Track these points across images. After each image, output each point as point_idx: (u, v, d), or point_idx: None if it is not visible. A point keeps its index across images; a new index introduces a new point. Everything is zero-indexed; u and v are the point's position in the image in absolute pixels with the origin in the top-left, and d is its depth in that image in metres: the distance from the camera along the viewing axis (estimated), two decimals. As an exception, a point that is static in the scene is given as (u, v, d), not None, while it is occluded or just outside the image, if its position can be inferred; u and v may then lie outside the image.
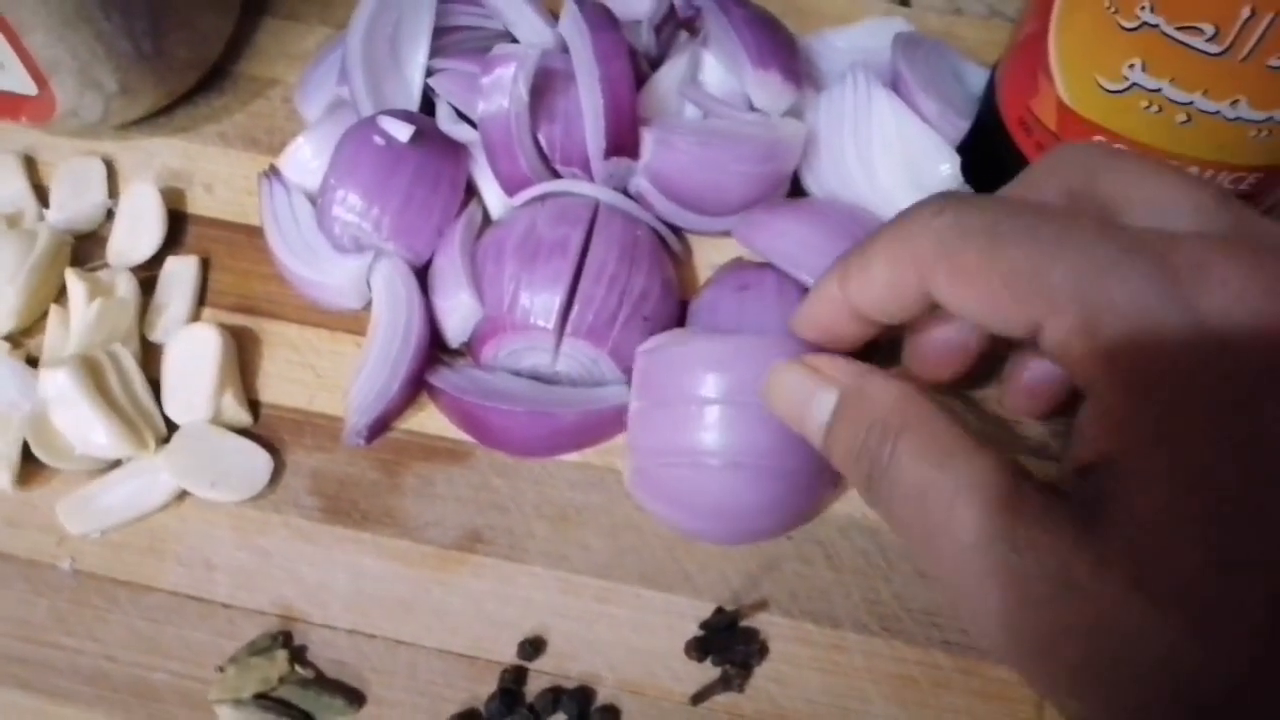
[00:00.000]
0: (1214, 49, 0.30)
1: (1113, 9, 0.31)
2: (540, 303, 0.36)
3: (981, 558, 0.22)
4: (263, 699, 0.32)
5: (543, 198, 0.39)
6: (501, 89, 0.38)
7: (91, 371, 0.36)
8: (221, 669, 0.33)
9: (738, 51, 0.40)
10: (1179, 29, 0.30)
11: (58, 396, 0.35)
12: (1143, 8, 0.30)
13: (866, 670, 0.34)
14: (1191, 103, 0.31)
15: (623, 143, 0.38)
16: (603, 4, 0.40)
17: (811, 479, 0.34)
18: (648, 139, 0.38)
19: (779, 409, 0.29)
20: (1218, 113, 0.31)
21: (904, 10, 0.49)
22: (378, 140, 0.39)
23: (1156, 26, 0.30)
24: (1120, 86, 0.33)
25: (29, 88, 0.40)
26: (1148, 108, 0.32)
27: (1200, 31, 0.29)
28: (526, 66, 0.38)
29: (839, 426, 0.27)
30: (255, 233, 0.42)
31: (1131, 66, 0.32)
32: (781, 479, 0.34)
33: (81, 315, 0.38)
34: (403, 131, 0.39)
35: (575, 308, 0.36)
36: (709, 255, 0.42)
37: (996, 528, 0.22)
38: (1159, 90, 0.32)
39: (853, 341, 0.30)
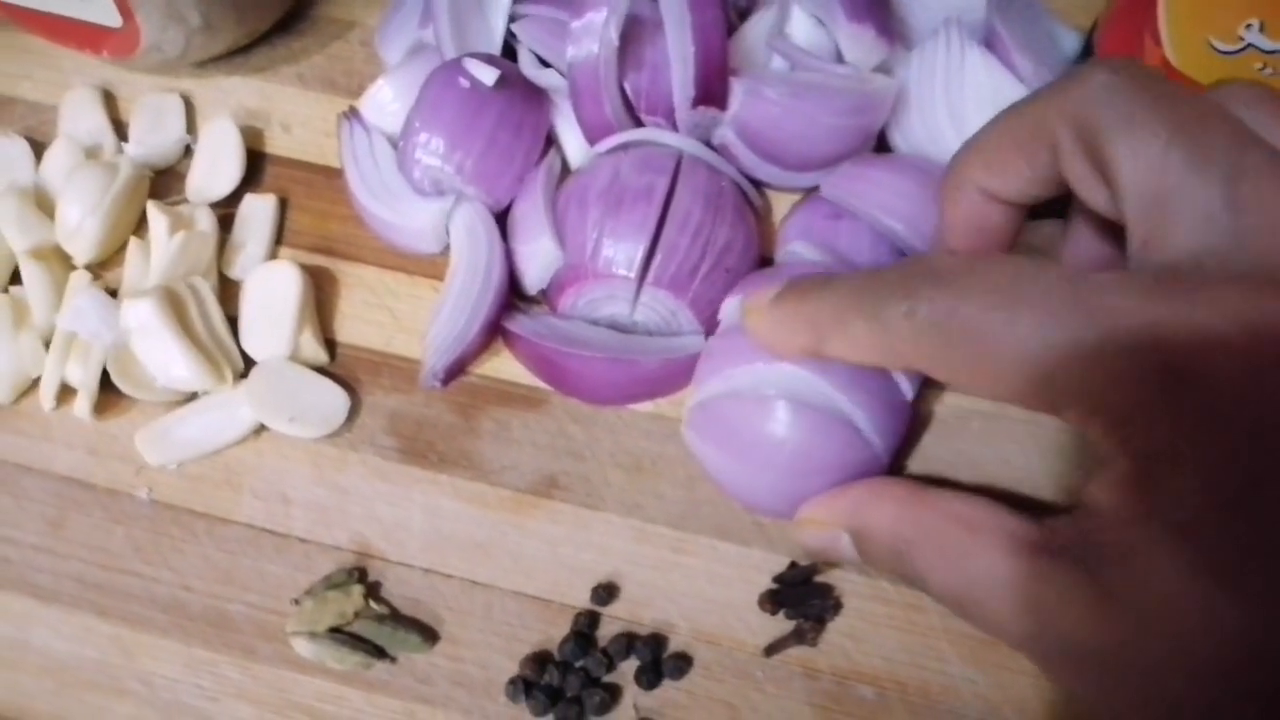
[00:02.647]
0: (1342, 6, 0.29)
1: (1235, -36, 0.30)
2: (623, 250, 0.36)
3: (1030, 648, 0.24)
4: (338, 633, 0.33)
5: (626, 146, 0.39)
6: (592, 34, 0.37)
7: (173, 303, 0.36)
8: (297, 602, 0.33)
9: (832, 4, 0.39)
10: (1307, -15, 0.29)
11: (140, 327, 0.35)
12: (1268, -38, 0.29)
13: (944, 630, 0.33)
14: (1310, 64, 0.30)
15: (711, 92, 0.38)
16: (693, -49, 0.40)
17: (879, 452, 0.33)
18: (737, 89, 0.38)
19: (823, 559, 0.31)
20: (1336, 74, 0.30)
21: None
22: (463, 83, 0.39)
23: (1282, -17, 0.29)
24: (1234, 48, 0.32)
25: (114, 20, 0.40)
26: (1261, 69, 0.32)
27: (1329, -13, 0.29)
28: (618, 11, 0.37)
29: (868, 561, 0.28)
30: (333, 174, 0.42)
31: (1249, 27, 0.31)
32: (848, 439, 0.33)
33: (163, 247, 0.38)
34: (488, 75, 0.39)
35: (658, 257, 0.36)
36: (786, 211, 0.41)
37: (1032, 629, 0.23)
38: (1275, 52, 0.31)
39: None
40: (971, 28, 0.41)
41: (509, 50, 0.42)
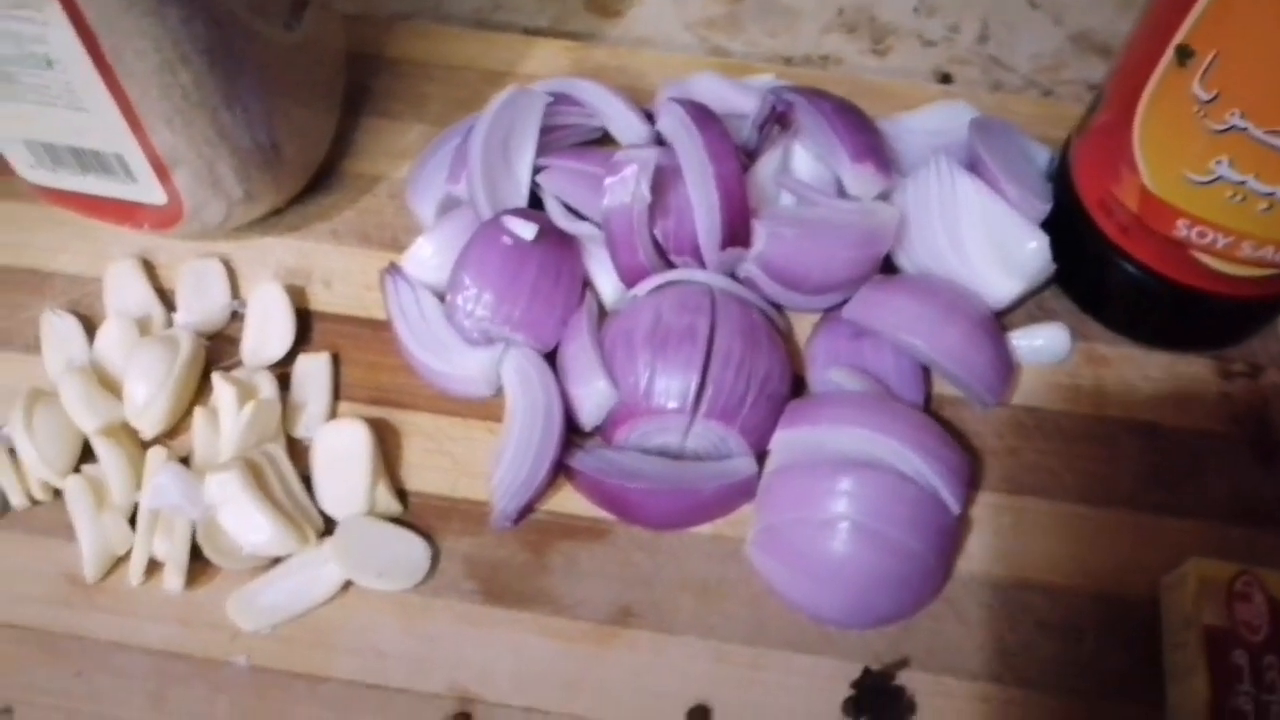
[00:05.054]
0: (1301, 149, 0.33)
1: (1202, 113, 0.35)
2: (675, 388, 0.39)
3: None
4: (453, 780, 0.34)
5: (662, 287, 0.42)
6: (625, 188, 0.40)
7: (253, 472, 0.38)
8: (410, 754, 0.35)
9: (835, 146, 0.43)
10: (1267, 133, 0.33)
11: (224, 499, 0.37)
12: (1232, 114, 0.34)
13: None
14: (1274, 194, 0.35)
15: (736, 234, 0.41)
16: (702, 103, 0.43)
17: (932, 565, 0.37)
18: (760, 231, 0.41)
19: None
20: (1298, 201, 0.35)
21: (957, 89, 0.53)
22: (505, 240, 0.42)
23: (1245, 130, 0.34)
24: (1206, 179, 0.36)
25: (158, 198, 0.42)
26: (1232, 197, 0.36)
27: (1288, 134, 0.33)
28: (648, 167, 0.40)
29: None
30: (378, 326, 0.44)
31: (1219, 163, 0.35)
32: (904, 556, 0.36)
33: (232, 418, 0.39)
34: (528, 230, 0.42)
35: (708, 392, 0.39)
36: (807, 330, 0.44)
37: None
38: (1244, 183, 0.35)
39: None
40: (956, 153, 0.45)
41: (533, 198, 0.45)
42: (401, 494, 0.40)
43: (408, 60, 0.52)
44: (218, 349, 0.43)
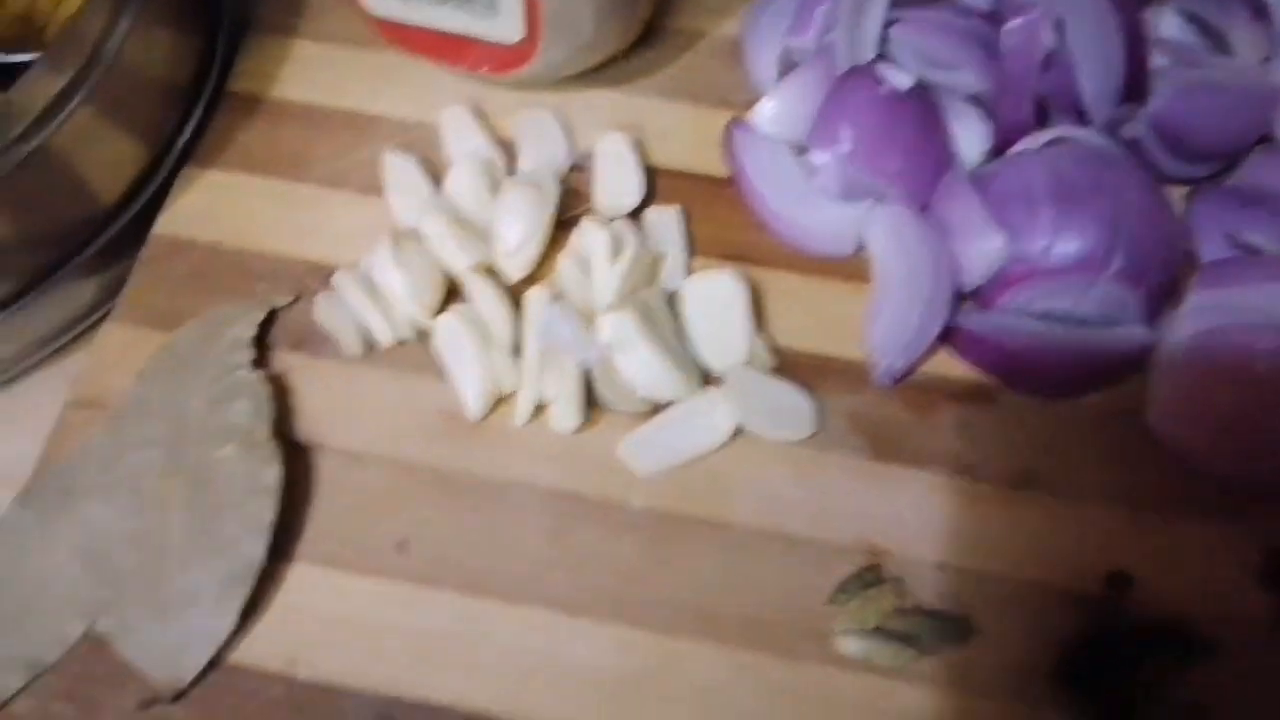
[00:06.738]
0: None
1: None
2: (1085, 246, 0.37)
3: None
4: (879, 630, 0.33)
5: (1048, 145, 0.40)
6: (1028, 32, 0.38)
7: (645, 316, 0.36)
8: (833, 601, 0.34)
9: (1233, 6, 0.40)
10: None
11: (620, 340, 0.36)
12: None
13: None
14: None
15: (1136, 89, 0.39)
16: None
17: None
18: (1164, 87, 0.39)
19: None
20: None
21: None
22: (882, 90, 0.39)
23: None
24: None
25: (514, 36, 0.40)
26: None
27: None
28: (1051, 11, 0.38)
29: None
30: (719, 183, 0.42)
31: None
32: None
33: (606, 264, 0.38)
34: (904, 79, 0.39)
35: (1120, 250, 0.37)
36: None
37: None
38: None
39: None
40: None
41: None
42: (773, 349, 0.39)
43: (719, -84, 0.50)
44: (562, 198, 0.42)
